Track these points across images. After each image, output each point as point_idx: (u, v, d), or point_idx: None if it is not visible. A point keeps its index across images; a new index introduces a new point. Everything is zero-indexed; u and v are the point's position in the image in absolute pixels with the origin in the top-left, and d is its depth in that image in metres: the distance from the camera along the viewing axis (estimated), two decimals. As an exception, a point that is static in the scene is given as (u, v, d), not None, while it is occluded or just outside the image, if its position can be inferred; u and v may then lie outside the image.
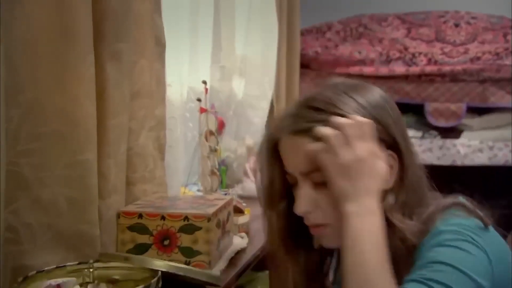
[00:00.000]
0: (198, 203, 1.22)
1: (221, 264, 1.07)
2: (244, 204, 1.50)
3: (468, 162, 2.48)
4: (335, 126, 0.83)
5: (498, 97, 2.51)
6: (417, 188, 0.90)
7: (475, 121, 2.57)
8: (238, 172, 1.87)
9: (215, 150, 1.53)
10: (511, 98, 2.50)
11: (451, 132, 2.56)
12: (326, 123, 0.83)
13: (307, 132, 0.84)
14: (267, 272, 1.45)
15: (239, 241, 1.24)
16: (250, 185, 1.88)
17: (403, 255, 0.86)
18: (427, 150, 2.54)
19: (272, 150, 0.91)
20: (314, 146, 0.83)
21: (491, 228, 0.89)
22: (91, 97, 0.94)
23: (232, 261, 1.13)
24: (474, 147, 2.51)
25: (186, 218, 1.05)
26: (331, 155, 0.82)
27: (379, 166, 0.84)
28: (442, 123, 2.54)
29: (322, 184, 0.86)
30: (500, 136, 2.52)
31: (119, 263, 0.90)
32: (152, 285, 0.78)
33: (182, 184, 1.54)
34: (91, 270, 0.87)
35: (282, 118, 0.90)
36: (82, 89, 0.92)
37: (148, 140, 1.21)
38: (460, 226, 0.85)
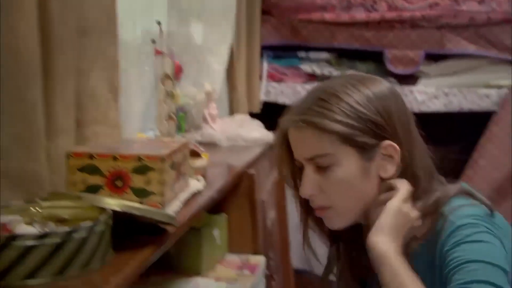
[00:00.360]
0: (153, 145, 1.20)
1: (176, 205, 1.06)
2: (202, 149, 1.49)
3: (424, 108, 2.53)
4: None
5: (455, 43, 2.53)
6: (422, 178, 0.95)
7: (432, 68, 2.60)
8: (197, 118, 1.84)
9: (172, 95, 1.50)
10: (468, 44, 2.53)
11: (409, 79, 2.59)
12: (326, 115, 0.92)
13: (310, 123, 0.93)
14: (224, 215, 1.46)
15: (195, 183, 1.23)
16: (209, 131, 1.87)
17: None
18: (386, 97, 2.56)
19: (283, 139, 0.99)
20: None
21: (495, 213, 0.93)
22: (32, 32, 0.89)
23: (188, 202, 1.12)
24: (430, 94, 2.55)
25: (139, 158, 1.02)
26: (398, 202, 0.92)
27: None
28: (400, 70, 2.56)
29: (325, 168, 0.94)
30: (456, 82, 2.57)
31: (69, 203, 0.88)
32: (100, 221, 0.77)
33: (139, 130, 1.51)
34: (38, 209, 0.84)
35: (292, 109, 0.97)
36: (23, 23, 0.87)
37: (99, 81, 1.17)
38: (474, 217, 0.89)
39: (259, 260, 1.43)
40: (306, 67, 2.70)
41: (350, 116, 0.92)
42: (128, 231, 0.91)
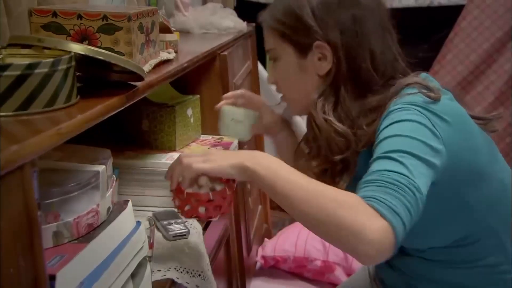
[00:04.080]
0: (121, 8, 1.16)
1: (145, 68, 1.04)
2: (173, 27, 1.45)
3: (396, 4, 2.52)
4: None
5: None
6: (375, 76, 0.99)
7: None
8: (169, 5, 1.79)
9: (140, -30, 1.44)
10: None
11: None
12: (272, 14, 1.06)
13: (263, 20, 1.08)
14: (198, 96, 1.44)
15: (166, 54, 1.20)
16: (181, 18, 1.82)
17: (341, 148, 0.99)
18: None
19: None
20: None
21: (443, 99, 0.94)
22: None
23: (158, 69, 1.10)
24: (401, -11, 2.53)
25: (105, 17, 0.99)
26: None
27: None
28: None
29: (275, 61, 1.07)
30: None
31: (31, 51, 0.84)
32: (63, 59, 0.74)
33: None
34: (-1, 56, 0.81)
35: (268, 8, 1.08)
36: None
37: None
38: (408, 103, 0.92)
39: (233, 139, 1.43)
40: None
41: (287, 15, 1.03)
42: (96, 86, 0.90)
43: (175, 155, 1.28)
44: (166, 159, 1.27)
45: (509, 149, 2.55)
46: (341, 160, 1.00)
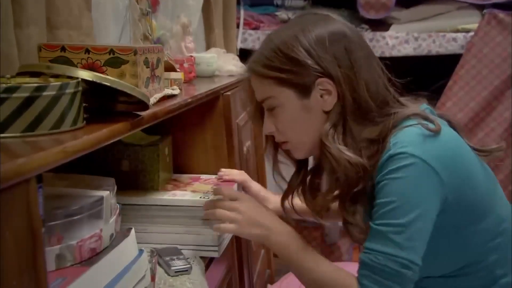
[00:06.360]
0: (127, 45, 1.19)
1: (151, 100, 1.06)
2: (178, 67, 1.48)
3: (395, 53, 2.59)
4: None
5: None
6: (373, 106, 1.00)
7: (403, 13, 2.66)
8: (175, 49, 1.83)
9: (147, 14, 1.48)
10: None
11: (381, 26, 2.65)
12: (263, 62, 1.04)
13: (253, 70, 1.06)
14: (170, 136, 1.42)
15: (170, 90, 1.22)
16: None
17: (353, 182, 1.00)
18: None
19: (249, 83, 1.11)
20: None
21: (443, 131, 0.96)
22: None
23: (162, 103, 1.12)
24: (401, 38, 2.61)
25: (111, 51, 1.01)
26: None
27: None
28: (372, 14, 2.62)
29: (273, 109, 1.06)
30: (426, 27, 2.64)
31: (40, 80, 0.86)
32: (70, 83, 0.76)
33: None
34: (7, 84, 0.83)
35: (252, 57, 1.08)
36: None
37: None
38: (404, 146, 0.93)
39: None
40: (282, 15, 2.71)
41: (281, 59, 1.01)
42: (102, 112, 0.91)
43: (177, 192, 1.28)
44: (168, 196, 1.26)
45: (511, 198, 2.55)
46: (356, 191, 1.01)
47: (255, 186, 1.37)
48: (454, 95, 2.65)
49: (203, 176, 1.44)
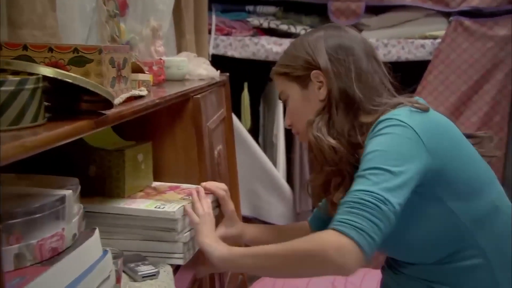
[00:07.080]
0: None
1: (116, 100, 1.04)
2: (147, 72, 1.47)
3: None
4: None
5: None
6: (362, 96, 1.09)
7: (373, 20, 2.70)
8: (145, 53, 1.81)
9: (114, 16, 1.47)
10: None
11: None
12: (278, 63, 1.22)
13: (273, 71, 1.22)
14: (150, 143, 1.40)
15: (137, 91, 1.20)
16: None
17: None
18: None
19: None
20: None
21: (433, 112, 1.07)
22: None
23: (130, 103, 1.10)
24: (371, 44, 2.66)
25: (75, 50, 0.99)
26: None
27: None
28: (343, 21, 2.65)
29: (286, 103, 1.22)
30: (395, 34, 2.70)
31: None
32: (30, 79, 0.74)
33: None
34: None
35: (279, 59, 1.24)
36: None
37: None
38: (393, 114, 1.02)
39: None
40: (254, 21, 2.72)
41: (288, 58, 1.20)
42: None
43: (138, 201, 1.24)
44: (125, 204, 1.22)
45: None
46: (338, 173, 1.10)
47: (232, 205, 1.34)
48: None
49: (184, 186, 1.40)
